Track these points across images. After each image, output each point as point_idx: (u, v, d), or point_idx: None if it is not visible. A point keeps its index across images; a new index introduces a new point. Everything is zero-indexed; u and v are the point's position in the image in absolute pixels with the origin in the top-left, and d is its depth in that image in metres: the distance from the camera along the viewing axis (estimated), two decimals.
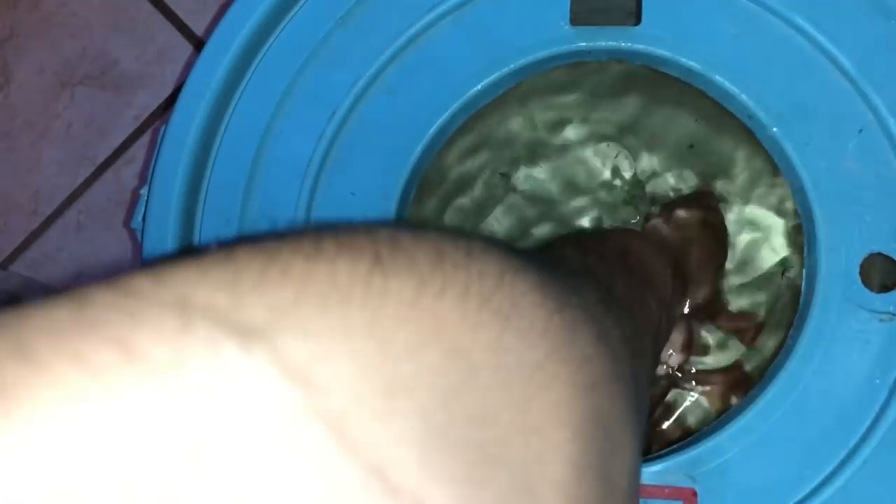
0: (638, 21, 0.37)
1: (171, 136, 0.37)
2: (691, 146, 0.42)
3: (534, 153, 0.43)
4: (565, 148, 0.43)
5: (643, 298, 0.31)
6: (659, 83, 0.39)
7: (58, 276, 0.75)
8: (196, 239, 0.38)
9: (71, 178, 0.76)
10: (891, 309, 0.34)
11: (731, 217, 0.41)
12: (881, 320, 0.34)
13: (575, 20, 0.37)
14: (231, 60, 0.38)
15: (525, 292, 0.18)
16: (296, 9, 0.39)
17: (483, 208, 0.43)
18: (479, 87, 0.38)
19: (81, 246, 0.75)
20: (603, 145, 0.43)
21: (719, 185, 0.41)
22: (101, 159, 0.75)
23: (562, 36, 0.37)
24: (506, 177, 0.43)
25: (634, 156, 0.43)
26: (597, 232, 0.43)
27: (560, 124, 0.43)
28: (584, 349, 0.19)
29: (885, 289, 0.34)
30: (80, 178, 0.75)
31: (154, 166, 0.38)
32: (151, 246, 0.37)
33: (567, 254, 0.30)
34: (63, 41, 0.79)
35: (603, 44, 0.37)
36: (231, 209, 0.38)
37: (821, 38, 0.36)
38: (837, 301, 0.34)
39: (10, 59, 0.78)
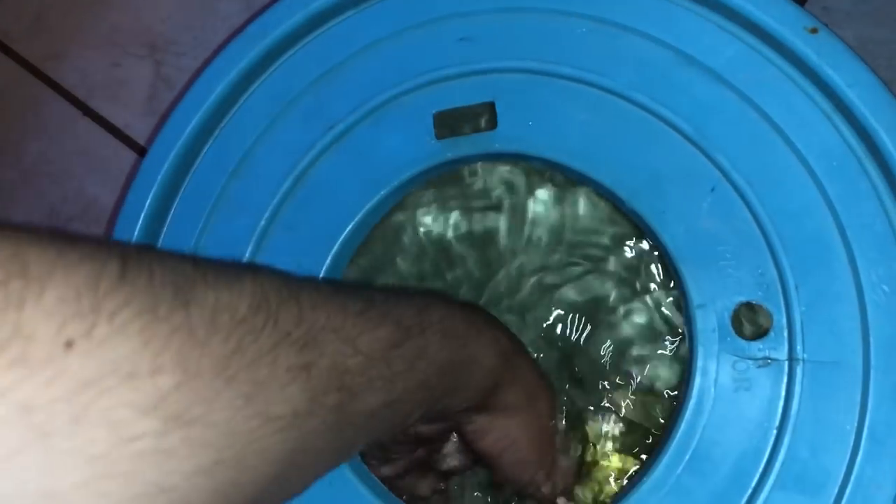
0: (495, 125, 0.40)
1: None
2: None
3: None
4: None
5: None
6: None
7: None
8: None
9: None
10: (766, 353, 0.36)
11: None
12: (759, 366, 0.36)
13: (440, 134, 0.41)
14: (143, 226, 0.42)
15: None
16: (194, 167, 0.43)
17: None
18: (365, 208, 0.41)
19: None
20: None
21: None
22: None
23: (430, 150, 0.41)
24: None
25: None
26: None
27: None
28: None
29: (757, 336, 0.36)
30: None
31: None
32: None
33: (364, 336, 0.27)
34: (45, 188, 0.85)
35: (467, 151, 0.40)
36: None
37: (661, 109, 0.38)
38: (716, 354, 0.36)
39: None
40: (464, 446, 0.40)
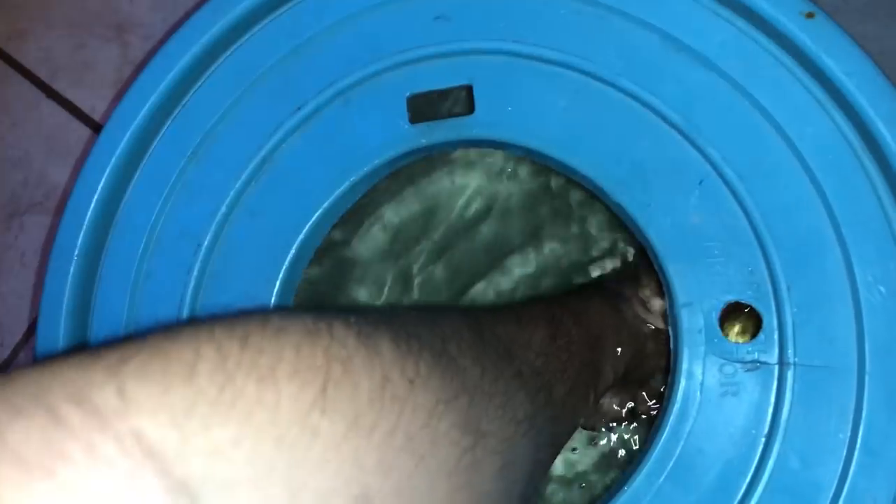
0: (472, 110, 0.38)
1: (48, 298, 0.39)
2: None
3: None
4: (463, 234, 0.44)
5: (587, 384, 0.34)
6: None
7: None
8: None
9: (31, 306, 0.78)
10: (755, 357, 0.34)
11: None
12: (747, 370, 0.34)
13: (413, 118, 0.38)
14: (96, 209, 0.39)
15: (447, 430, 0.19)
16: (149, 152, 0.40)
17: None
18: (335, 195, 0.39)
19: None
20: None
21: None
22: None
23: (404, 135, 0.38)
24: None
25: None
26: (570, 299, 0.42)
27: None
28: (483, 485, 0.20)
29: (745, 338, 0.34)
30: None
31: (38, 319, 0.40)
32: None
33: (534, 338, 0.31)
34: (6, 173, 0.82)
35: (442, 137, 0.38)
36: None
37: (647, 96, 0.36)
38: (702, 356, 0.34)
39: None
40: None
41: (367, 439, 0.16)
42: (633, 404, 0.43)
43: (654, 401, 0.43)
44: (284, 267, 0.38)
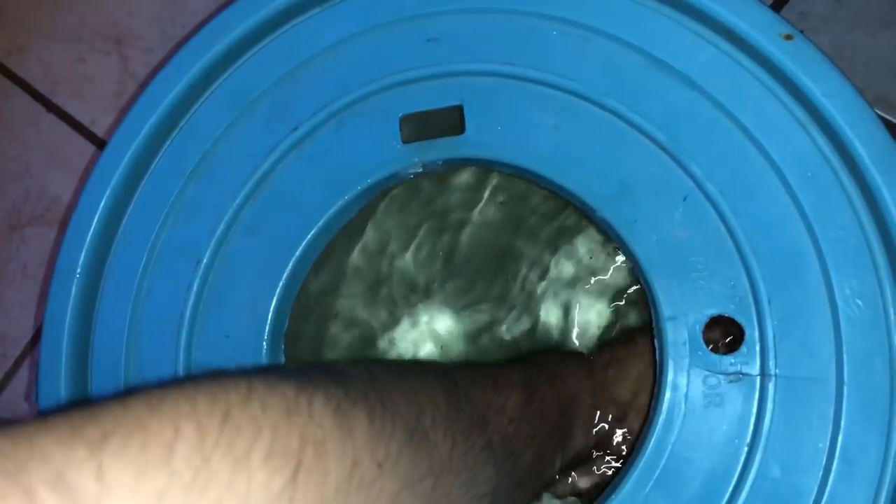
0: (463, 130, 0.39)
1: (51, 315, 0.40)
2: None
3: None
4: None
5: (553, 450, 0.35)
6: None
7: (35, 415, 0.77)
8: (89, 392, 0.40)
9: (34, 317, 0.79)
10: (738, 368, 0.35)
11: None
12: (730, 381, 0.35)
13: (406, 138, 0.39)
14: (98, 227, 0.40)
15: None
16: (149, 171, 0.41)
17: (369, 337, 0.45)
18: (329, 213, 0.40)
19: None
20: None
21: None
22: None
23: (396, 154, 0.39)
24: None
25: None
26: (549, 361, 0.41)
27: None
28: None
29: (729, 350, 0.35)
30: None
31: (42, 335, 0.41)
32: (47, 402, 0.40)
33: (509, 403, 0.31)
34: (7, 186, 0.83)
35: (434, 156, 0.39)
36: (116, 367, 0.40)
37: (632, 115, 0.37)
38: (686, 368, 0.35)
39: None
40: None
41: None
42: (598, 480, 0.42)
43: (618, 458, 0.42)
44: (281, 283, 0.39)
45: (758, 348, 0.34)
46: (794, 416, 0.34)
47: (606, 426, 0.40)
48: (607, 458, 0.42)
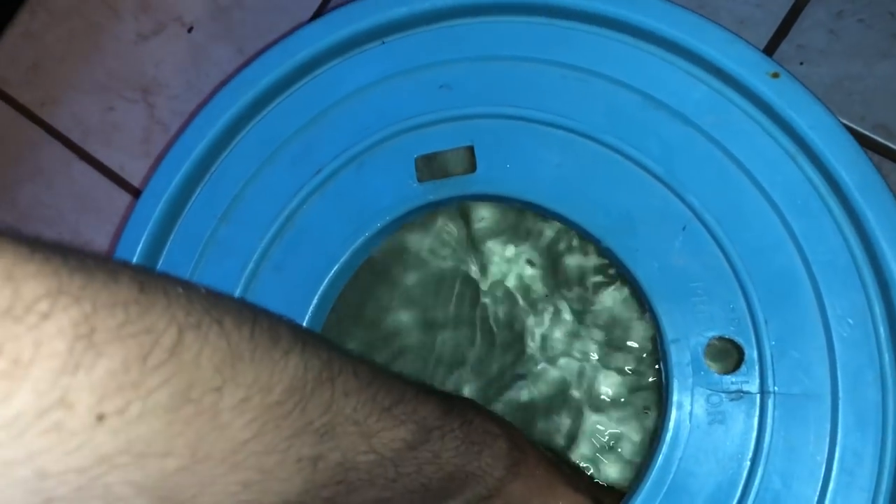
0: (474, 169, 0.42)
1: None
2: None
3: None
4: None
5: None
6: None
7: None
8: None
9: None
10: (739, 387, 0.37)
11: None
12: (731, 399, 0.37)
13: (421, 177, 0.42)
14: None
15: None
16: (185, 210, 0.44)
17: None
18: (351, 248, 0.43)
19: None
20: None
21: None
22: None
23: (413, 193, 0.42)
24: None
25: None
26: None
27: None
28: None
29: (729, 370, 0.37)
30: None
31: None
32: None
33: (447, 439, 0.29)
34: (41, 232, 0.86)
35: (448, 193, 0.42)
36: None
37: (631, 151, 0.40)
38: (690, 388, 0.37)
39: None
40: None
41: None
42: None
43: None
44: (307, 316, 0.42)
45: (757, 367, 0.37)
46: (793, 431, 0.36)
47: None
48: None
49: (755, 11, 0.61)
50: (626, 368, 0.43)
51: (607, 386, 0.43)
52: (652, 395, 0.42)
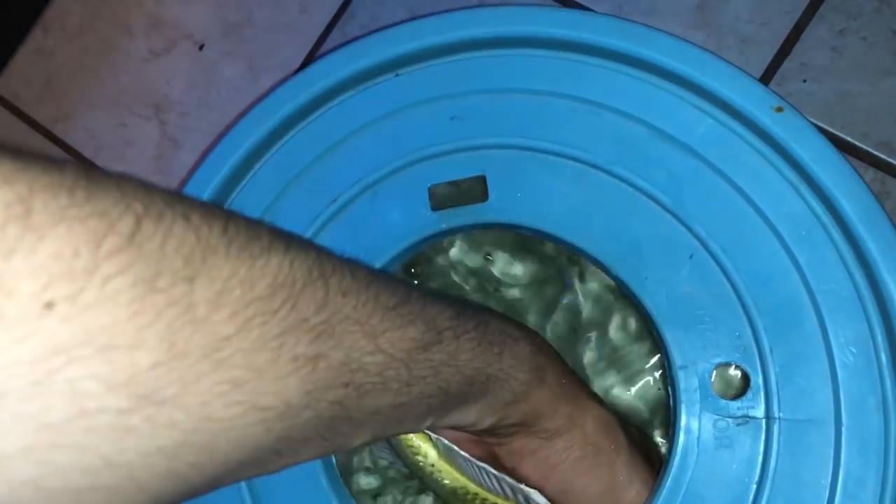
0: (486, 197, 0.43)
1: None
2: None
3: None
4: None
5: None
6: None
7: None
8: None
9: None
10: (745, 412, 0.38)
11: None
12: (738, 424, 0.38)
13: (435, 206, 0.43)
14: None
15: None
16: None
17: None
18: None
19: None
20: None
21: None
22: None
23: (426, 221, 0.43)
24: None
25: None
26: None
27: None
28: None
29: (735, 396, 0.38)
30: None
31: None
32: None
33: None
34: None
35: (460, 222, 0.43)
36: None
37: (639, 181, 0.41)
38: (697, 413, 0.38)
39: None
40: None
41: None
42: None
43: None
44: None
45: (762, 393, 0.38)
46: (798, 456, 0.37)
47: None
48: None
49: (759, 30, 0.62)
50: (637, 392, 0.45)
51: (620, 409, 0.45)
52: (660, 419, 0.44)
